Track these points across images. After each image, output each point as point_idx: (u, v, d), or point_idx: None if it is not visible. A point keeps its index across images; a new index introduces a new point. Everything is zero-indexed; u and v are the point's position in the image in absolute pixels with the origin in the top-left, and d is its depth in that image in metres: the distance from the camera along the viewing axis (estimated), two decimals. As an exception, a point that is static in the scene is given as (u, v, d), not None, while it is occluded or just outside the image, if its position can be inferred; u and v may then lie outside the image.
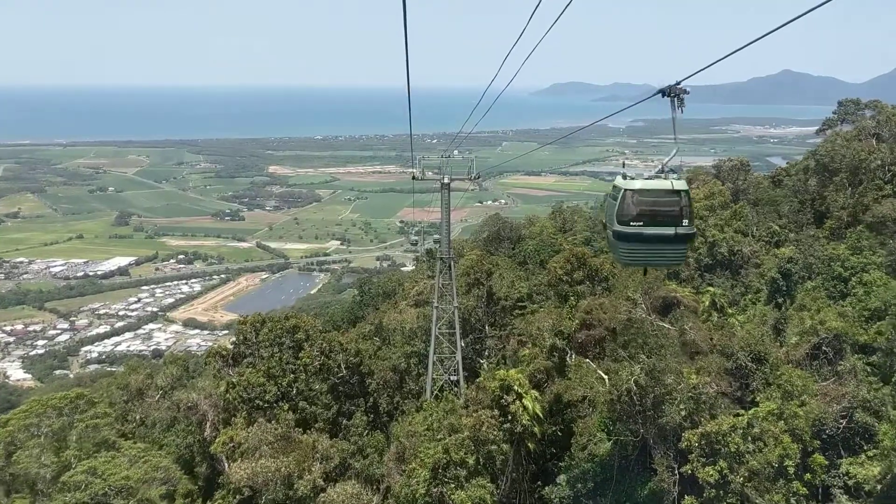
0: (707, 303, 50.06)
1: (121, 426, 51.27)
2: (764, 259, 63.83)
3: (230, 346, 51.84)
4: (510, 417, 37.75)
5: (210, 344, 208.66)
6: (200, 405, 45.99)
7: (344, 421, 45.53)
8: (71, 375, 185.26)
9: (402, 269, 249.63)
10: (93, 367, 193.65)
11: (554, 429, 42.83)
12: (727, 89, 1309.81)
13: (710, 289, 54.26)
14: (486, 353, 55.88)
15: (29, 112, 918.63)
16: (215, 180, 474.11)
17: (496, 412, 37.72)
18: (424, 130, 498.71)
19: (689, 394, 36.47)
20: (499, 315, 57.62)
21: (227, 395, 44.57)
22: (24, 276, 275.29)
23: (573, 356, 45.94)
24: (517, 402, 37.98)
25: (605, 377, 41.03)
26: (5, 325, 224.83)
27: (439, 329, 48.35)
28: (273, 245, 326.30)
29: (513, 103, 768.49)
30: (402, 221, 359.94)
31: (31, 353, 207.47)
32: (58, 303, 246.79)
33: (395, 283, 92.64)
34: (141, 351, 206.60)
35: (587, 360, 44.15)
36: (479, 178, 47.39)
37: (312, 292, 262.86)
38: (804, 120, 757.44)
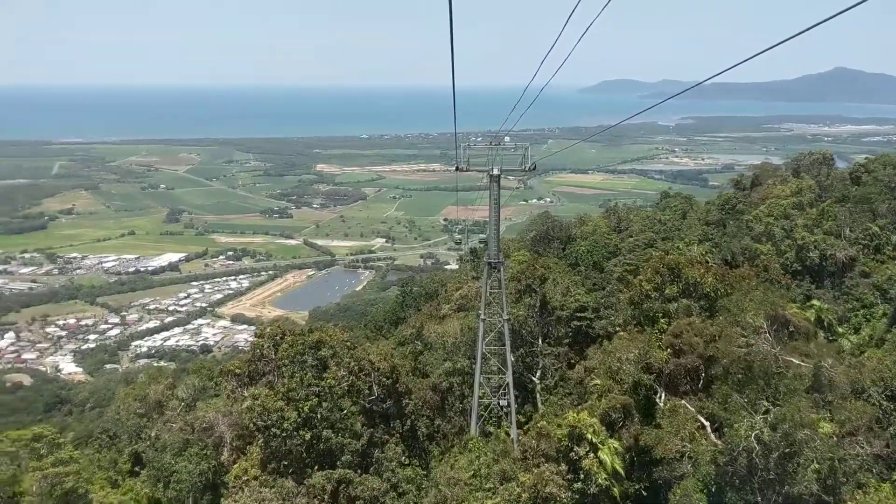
0: (812, 319, 43.33)
1: (133, 445, 47.29)
2: (872, 266, 56.92)
3: (244, 364, 45.24)
4: (582, 475, 30.60)
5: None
6: (217, 426, 40.94)
7: (376, 452, 38.82)
8: (121, 370, 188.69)
9: (446, 267, 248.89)
10: (142, 361, 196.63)
11: (637, 487, 34.84)
12: (772, 87, 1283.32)
13: (815, 302, 47.46)
14: (541, 373, 49.52)
15: (82, 111, 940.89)
16: (264, 178, 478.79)
17: (563, 467, 30.75)
18: (469, 129, 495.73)
19: (829, 454, 28.61)
20: (553, 327, 51.09)
21: (244, 417, 38.92)
22: (77, 271, 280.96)
23: (663, 396, 37.96)
24: (591, 455, 30.75)
25: (707, 424, 34.36)
26: (58, 320, 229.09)
27: (486, 343, 42.30)
28: (319, 242, 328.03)
29: (559, 101, 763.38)
30: (445, 220, 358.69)
31: (83, 347, 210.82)
32: (109, 298, 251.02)
33: (438, 283, 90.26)
34: (189, 346, 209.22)
35: (683, 401, 36.59)
36: (534, 169, 40.40)
37: (357, 289, 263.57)
38: (858, 118, 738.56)
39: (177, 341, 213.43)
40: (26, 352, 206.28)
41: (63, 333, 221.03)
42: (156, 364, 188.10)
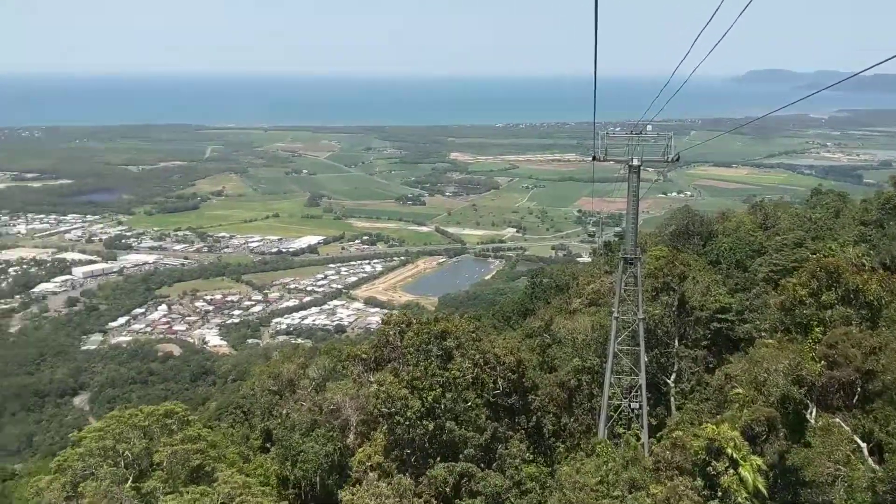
0: None
1: (264, 421, 48.38)
2: None
3: (370, 349, 45.51)
4: (720, 492, 28.28)
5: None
6: (344, 409, 41.16)
7: (499, 448, 37.81)
8: (261, 345, 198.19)
9: (578, 259, 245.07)
10: (281, 337, 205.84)
11: None
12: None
13: None
14: (676, 376, 47.30)
15: (234, 97, 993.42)
16: (399, 166, 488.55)
17: (699, 482, 28.64)
18: (607, 118, 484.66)
19: None
20: (691, 328, 48.62)
21: (369, 403, 39.16)
22: (225, 249, 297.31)
23: (814, 412, 34.70)
24: (731, 471, 28.25)
25: (864, 446, 31.24)
26: (206, 295, 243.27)
27: (618, 343, 40.34)
28: (451, 230, 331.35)
29: (704, 90, 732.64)
30: (579, 211, 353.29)
31: (228, 322, 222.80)
32: (253, 276, 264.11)
33: (569, 276, 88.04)
34: (325, 325, 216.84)
35: (837, 419, 33.18)
36: (677, 159, 37.78)
37: (487, 278, 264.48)
38: None
39: (313, 320, 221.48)
40: (177, 324, 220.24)
41: (210, 308, 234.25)
42: (293, 341, 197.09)
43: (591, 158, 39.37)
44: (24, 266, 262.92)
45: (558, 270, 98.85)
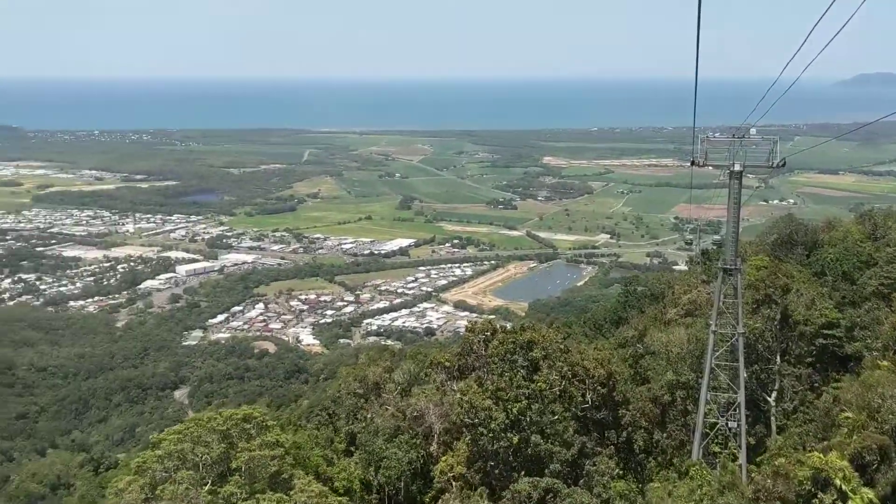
0: None
1: (349, 425, 47.92)
2: None
3: (454, 357, 44.52)
4: None
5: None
6: (427, 415, 40.06)
7: (587, 464, 36.31)
8: (352, 344, 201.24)
9: (674, 267, 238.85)
10: (372, 338, 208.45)
11: None
12: None
13: None
14: (777, 395, 44.36)
15: (333, 102, 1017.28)
16: (491, 169, 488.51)
17: None
18: (707, 123, 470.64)
19: None
20: (795, 343, 45.60)
21: (452, 411, 38.44)
22: (320, 251, 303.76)
23: None
24: None
25: None
26: (301, 294, 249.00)
27: (716, 357, 37.96)
28: (542, 235, 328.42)
29: (810, 95, 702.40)
30: (676, 218, 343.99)
31: (321, 322, 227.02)
32: (346, 277, 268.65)
33: (665, 284, 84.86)
34: (414, 328, 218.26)
35: None
36: (783, 165, 35.74)
37: (579, 284, 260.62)
38: None
39: (403, 322, 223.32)
40: (273, 322, 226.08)
41: (304, 307, 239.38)
42: (383, 342, 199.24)
43: (689, 163, 37.49)
44: (132, 263, 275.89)
45: (653, 278, 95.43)
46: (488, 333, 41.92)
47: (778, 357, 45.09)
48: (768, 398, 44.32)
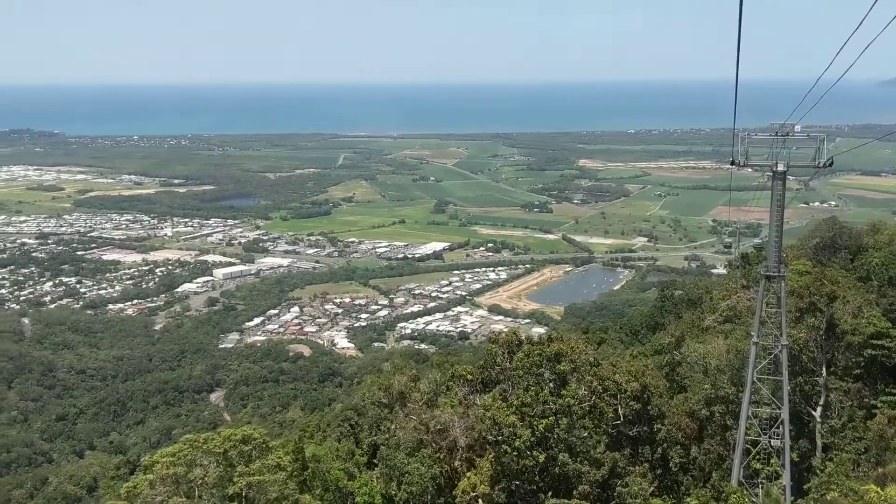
0: None
1: (372, 436, 46.92)
2: None
3: (477, 370, 42.38)
4: None
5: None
6: (452, 429, 37.91)
7: (618, 485, 34.37)
8: (387, 348, 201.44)
9: (712, 271, 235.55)
10: (406, 342, 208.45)
11: None
12: None
13: None
14: (823, 409, 41.75)
15: (368, 106, 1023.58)
16: (526, 172, 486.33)
17: None
18: (746, 125, 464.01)
19: None
20: (842, 353, 43.10)
21: (475, 427, 36.63)
22: (354, 254, 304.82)
23: None
24: None
25: None
26: (335, 298, 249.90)
27: (757, 370, 35.72)
28: (578, 238, 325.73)
29: (853, 95, 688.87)
30: (714, 221, 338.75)
31: (355, 325, 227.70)
32: (380, 281, 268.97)
33: (703, 290, 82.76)
34: (448, 332, 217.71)
35: None
36: (830, 164, 34.09)
37: (615, 288, 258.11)
38: None
39: (437, 326, 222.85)
40: (308, 325, 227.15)
41: (339, 311, 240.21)
42: (417, 346, 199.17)
43: (729, 163, 35.77)
44: (170, 267, 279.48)
45: (691, 283, 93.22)
46: (513, 345, 39.64)
47: (824, 369, 42.65)
48: (813, 413, 41.95)
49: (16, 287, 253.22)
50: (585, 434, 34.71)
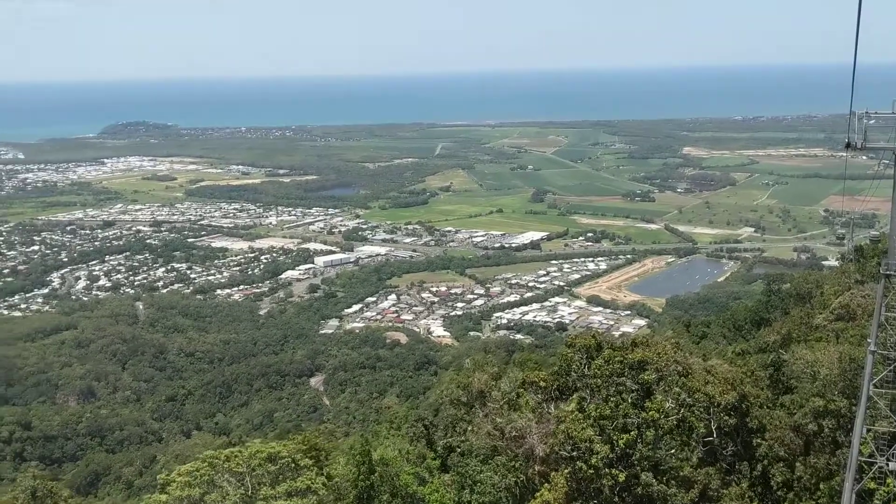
0: None
1: (447, 437, 44.79)
2: None
3: (551, 376, 39.12)
4: None
5: (611, 323, 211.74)
6: (529, 436, 34.98)
7: None
8: (482, 337, 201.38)
9: (823, 263, 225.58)
10: (502, 332, 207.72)
11: None
12: None
13: None
14: None
15: (466, 94, 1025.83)
16: (628, 161, 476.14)
17: None
18: (863, 109, 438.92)
19: None
20: None
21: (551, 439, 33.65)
22: (451, 244, 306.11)
23: None
24: None
25: None
26: (432, 287, 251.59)
27: (874, 382, 30.65)
28: (681, 228, 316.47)
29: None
30: (826, 210, 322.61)
31: (451, 314, 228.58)
32: (476, 270, 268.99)
33: (812, 284, 77.82)
34: (545, 322, 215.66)
35: None
36: None
37: (719, 280, 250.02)
38: None
39: (534, 317, 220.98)
40: (404, 313, 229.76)
41: (435, 299, 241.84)
42: (513, 336, 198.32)
43: (843, 146, 30.98)
44: (274, 254, 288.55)
45: (800, 277, 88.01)
46: (591, 350, 35.66)
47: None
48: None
49: (131, 273, 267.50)
50: (673, 451, 31.02)
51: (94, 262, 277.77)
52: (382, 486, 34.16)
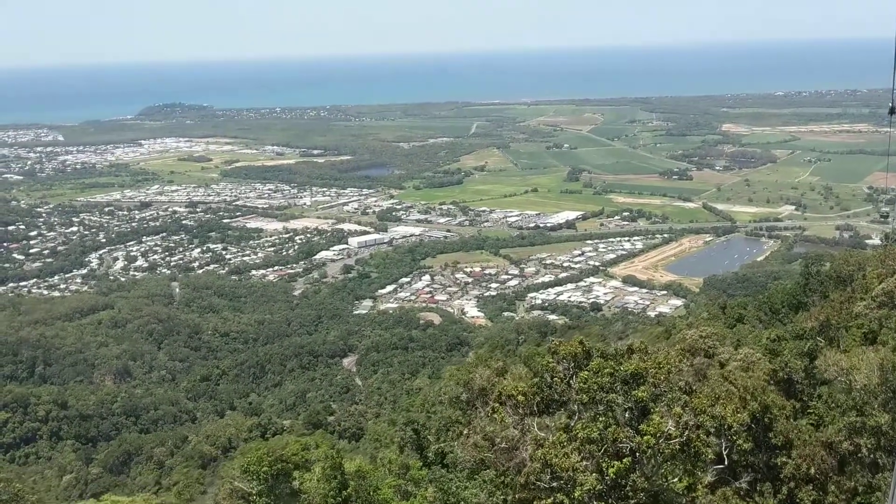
0: None
1: (439, 442, 41.58)
2: None
3: (530, 389, 31.24)
4: None
5: (647, 303, 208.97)
6: (523, 447, 28.16)
7: None
8: (516, 318, 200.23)
9: (866, 241, 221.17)
10: (536, 313, 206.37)
11: None
12: None
13: None
14: None
15: (500, 73, 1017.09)
16: (665, 138, 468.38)
17: None
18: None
19: None
20: None
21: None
22: (485, 224, 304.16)
23: None
24: None
25: None
26: (466, 267, 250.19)
27: None
28: (720, 207, 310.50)
29: None
30: (870, 188, 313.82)
31: (485, 294, 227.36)
32: (510, 250, 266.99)
33: (854, 266, 74.18)
34: (580, 302, 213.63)
35: None
36: None
37: (759, 259, 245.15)
38: None
39: (569, 297, 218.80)
40: (438, 294, 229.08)
41: (469, 280, 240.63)
42: (548, 316, 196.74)
43: (888, 111, 29.80)
44: (308, 235, 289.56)
45: (840, 258, 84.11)
46: (579, 358, 28.71)
47: None
48: None
49: (167, 253, 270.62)
50: (675, 479, 25.23)
51: (131, 243, 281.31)
52: (357, 502, 31.31)
